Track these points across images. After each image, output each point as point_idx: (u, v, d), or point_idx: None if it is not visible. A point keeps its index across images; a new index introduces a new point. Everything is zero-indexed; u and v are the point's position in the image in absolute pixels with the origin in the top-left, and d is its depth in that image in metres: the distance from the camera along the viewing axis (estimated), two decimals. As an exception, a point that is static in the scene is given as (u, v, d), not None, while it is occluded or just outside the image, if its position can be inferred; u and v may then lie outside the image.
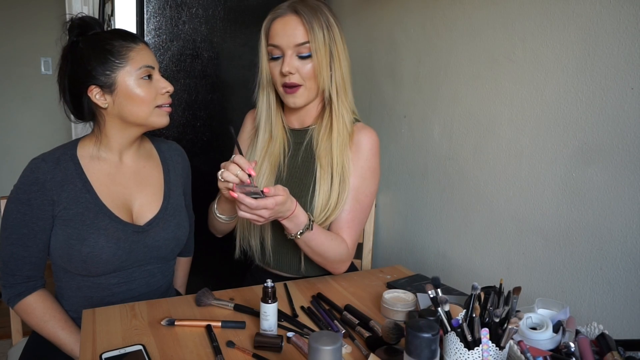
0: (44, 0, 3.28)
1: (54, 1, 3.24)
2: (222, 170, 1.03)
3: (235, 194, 0.99)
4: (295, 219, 1.09)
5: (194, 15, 1.68)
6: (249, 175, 1.00)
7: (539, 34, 1.10)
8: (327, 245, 1.18)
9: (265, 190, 1.00)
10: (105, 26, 1.87)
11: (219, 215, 1.22)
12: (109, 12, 1.82)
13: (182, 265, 1.45)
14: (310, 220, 1.13)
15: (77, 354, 1.12)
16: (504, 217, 1.22)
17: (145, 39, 1.63)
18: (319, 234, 1.15)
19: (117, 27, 1.62)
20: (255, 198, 1.00)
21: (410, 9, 1.53)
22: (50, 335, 1.14)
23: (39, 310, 1.14)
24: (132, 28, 1.64)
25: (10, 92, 3.32)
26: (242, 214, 1.02)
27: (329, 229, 1.25)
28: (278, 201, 1.01)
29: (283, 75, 1.18)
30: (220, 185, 1.05)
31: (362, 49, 1.77)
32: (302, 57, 1.17)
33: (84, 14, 1.15)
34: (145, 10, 1.62)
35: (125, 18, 1.63)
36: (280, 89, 1.21)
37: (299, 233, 1.12)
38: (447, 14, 1.38)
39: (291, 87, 1.19)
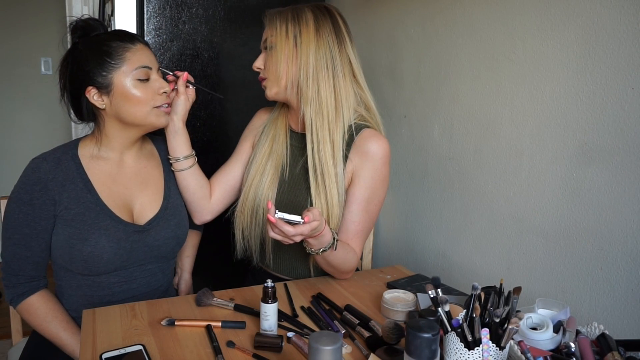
0: (44, 0, 3.28)
1: (54, 1, 3.24)
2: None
3: (272, 219, 0.97)
4: (321, 238, 1.07)
5: (194, 15, 1.68)
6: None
7: (539, 33, 1.10)
8: (343, 259, 1.18)
9: (306, 219, 0.98)
10: (107, 27, 1.87)
11: (173, 157, 1.24)
12: (109, 12, 1.82)
13: (190, 236, 1.43)
14: (334, 239, 1.11)
15: (79, 355, 1.12)
16: (504, 217, 1.22)
17: (145, 39, 1.63)
18: (338, 250, 1.14)
19: (117, 27, 1.62)
20: (292, 223, 0.99)
21: (410, 9, 1.53)
22: (52, 335, 1.14)
23: (42, 310, 1.14)
24: (132, 28, 1.64)
25: (10, 92, 3.32)
26: (273, 235, 1.01)
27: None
28: (313, 226, 1.00)
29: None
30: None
31: (362, 49, 1.77)
32: (267, 52, 1.21)
33: (88, 16, 1.16)
34: (145, 10, 1.62)
35: (125, 18, 1.63)
36: None
37: (320, 250, 1.10)
38: (447, 14, 1.38)
39: (261, 81, 1.25)
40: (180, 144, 1.24)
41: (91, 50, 1.10)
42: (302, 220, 0.98)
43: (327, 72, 1.19)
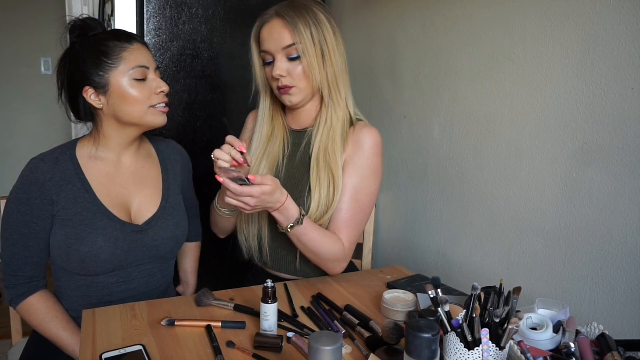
0: (44, 0, 3.28)
1: (54, 1, 3.24)
2: (215, 150, 1.06)
3: (220, 178, 1.00)
4: (285, 211, 1.09)
5: (194, 15, 1.68)
6: (242, 153, 1.03)
7: (539, 34, 1.10)
8: (320, 242, 1.17)
9: (250, 177, 1.00)
10: (106, 26, 1.87)
11: (220, 208, 1.24)
12: (109, 12, 1.82)
13: (191, 250, 1.46)
14: (301, 214, 1.12)
15: (79, 354, 1.12)
16: (504, 217, 1.22)
17: (145, 39, 1.63)
18: (311, 230, 1.15)
19: (116, 27, 1.62)
20: (241, 184, 1.00)
21: (411, 9, 1.53)
22: (52, 335, 1.14)
23: (41, 310, 1.14)
24: (132, 28, 1.64)
25: (10, 92, 3.32)
26: (227, 199, 1.03)
27: (327, 228, 1.24)
28: (265, 190, 1.02)
29: (275, 79, 1.19)
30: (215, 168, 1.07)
31: (362, 49, 1.77)
32: (292, 59, 1.17)
33: (86, 15, 1.16)
34: (145, 10, 1.62)
35: (125, 18, 1.63)
36: (276, 91, 1.22)
37: (289, 226, 1.11)
38: (447, 14, 1.38)
39: (284, 88, 1.20)
40: None
41: (88, 50, 1.10)
42: (247, 178, 1.00)
43: (345, 74, 1.23)
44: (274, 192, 1.04)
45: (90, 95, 1.11)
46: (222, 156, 1.04)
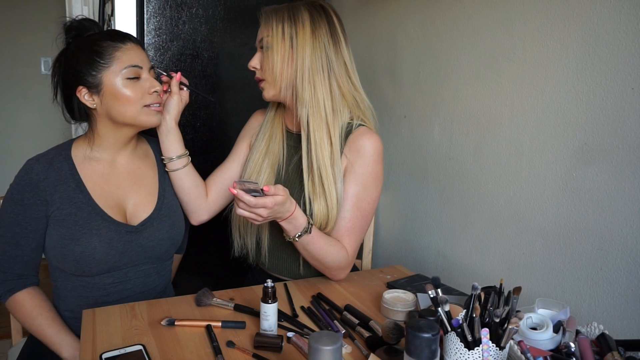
0: (44, 0, 3.28)
1: (54, 2, 3.23)
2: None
3: (234, 191, 0.99)
4: (294, 220, 1.08)
5: (194, 15, 1.68)
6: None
7: (539, 34, 1.10)
8: (326, 251, 1.17)
9: (265, 188, 0.99)
10: (105, 26, 1.87)
11: (171, 157, 1.23)
12: (109, 12, 1.82)
13: (173, 261, 1.44)
14: (309, 223, 1.12)
15: (63, 352, 1.13)
16: (504, 217, 1.22)
17: (145, 39, 1.63)
18: (318, 238, 1.14)
19: (117, 27, 1.62)
20: (255, 196, 1.00)
21: (411, 9, 1.53)
22: (38, 332, 1.14)
23: (28, 306, 1.15)
24: (132, 28, 1.64)
25: (10, 92, 3.32)
26: (240, 211, 1.02)
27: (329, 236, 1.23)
28: (277, 201, 1.01)
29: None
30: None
31: (362, 49, 1.77)
32: (263, 52, 1.20)
33: (83, 17, 1.16)
34: (145, 10, 1.62)
35: (125, 18, 1.63)
36: None
37: (297, 236, 1.11)
38: (448, 14, 1.38)
39: (259, 82, 1.23)
40: (173, 144, 1.24)
41: (82, 50, 1.10)
42: (262, 189, 0.99)
43: (323, 73, 1.18)
44: (285, 202, 1.04)
45: (84, 95, 1.11)
46: None
